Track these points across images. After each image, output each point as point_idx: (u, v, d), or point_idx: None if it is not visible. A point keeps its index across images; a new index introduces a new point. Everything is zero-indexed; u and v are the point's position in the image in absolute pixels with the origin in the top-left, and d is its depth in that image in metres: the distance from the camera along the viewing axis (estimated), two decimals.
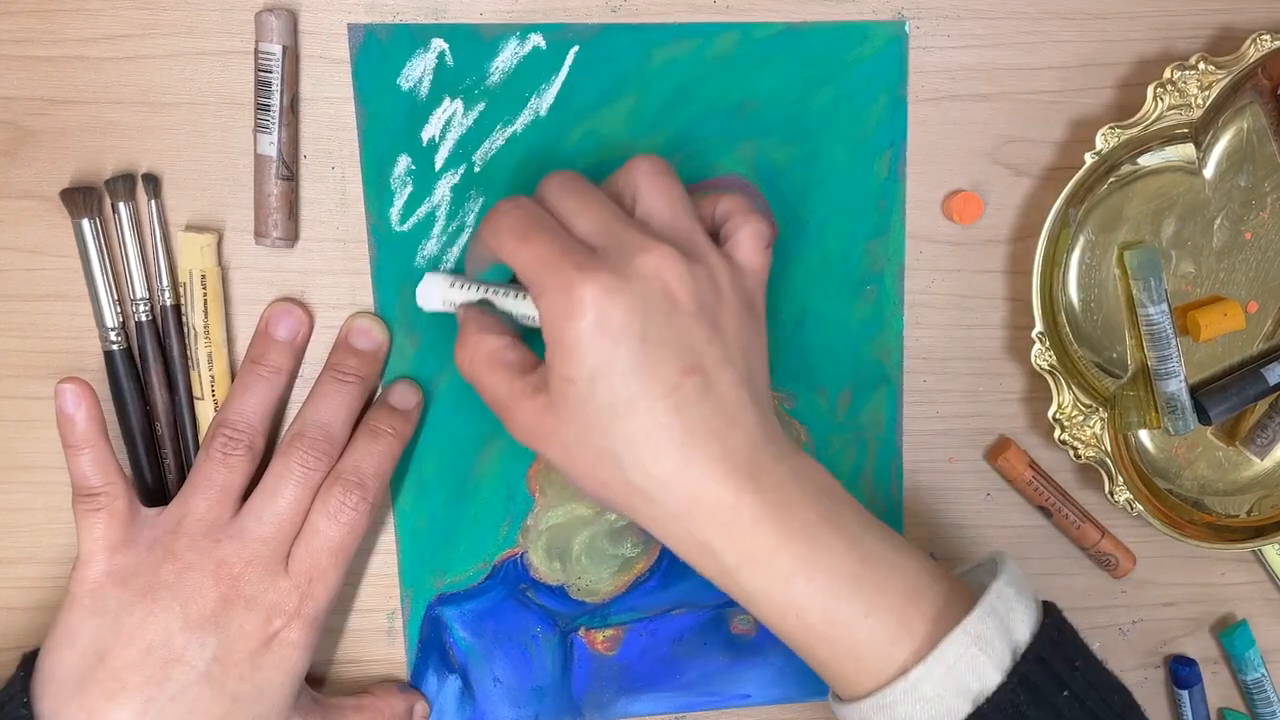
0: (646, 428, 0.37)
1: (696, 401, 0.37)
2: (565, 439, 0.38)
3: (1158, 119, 0.47)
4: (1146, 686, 0.56)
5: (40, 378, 0.45)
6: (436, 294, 0.44)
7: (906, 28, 0.48)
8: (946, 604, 0.38)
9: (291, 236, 0.45)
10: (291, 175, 0.45)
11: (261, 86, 0.44)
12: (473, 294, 0.43)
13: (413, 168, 0.46)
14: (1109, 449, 0.49)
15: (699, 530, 0.38)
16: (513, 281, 0.44)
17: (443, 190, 0.46)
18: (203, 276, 0.45)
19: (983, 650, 0.37)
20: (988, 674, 0.37)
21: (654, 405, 0.37)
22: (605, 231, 0.38)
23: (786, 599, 0.38)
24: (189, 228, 0.45)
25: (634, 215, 0.40)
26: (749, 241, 0.41)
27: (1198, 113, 0.47)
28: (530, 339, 0.42)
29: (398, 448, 0.45)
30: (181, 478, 0.46)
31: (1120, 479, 0.49)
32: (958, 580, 0.40)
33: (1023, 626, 0.38)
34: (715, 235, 0.42)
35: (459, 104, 0.46)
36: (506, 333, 0.41)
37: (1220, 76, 0.47)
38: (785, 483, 0.38)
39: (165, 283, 0.44)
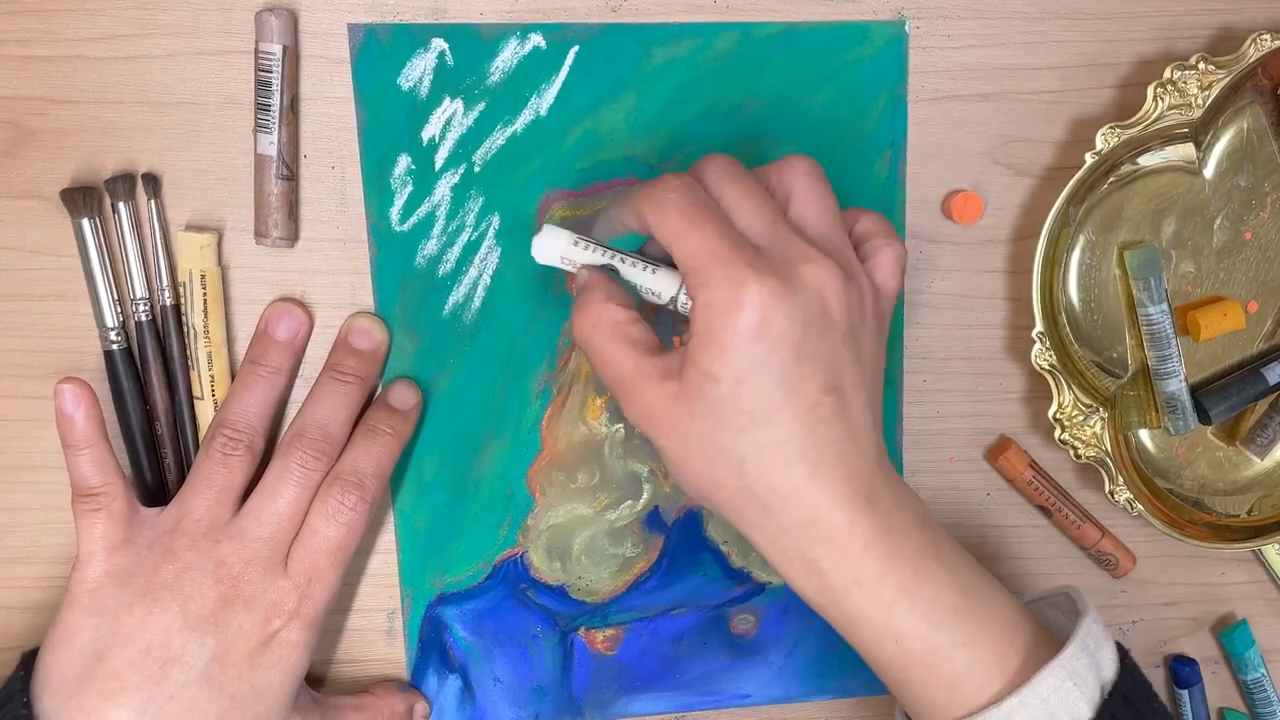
0: (780, 439, 0.37)
1: (831, 421, 0.37)
2: (688, 431, 0.37)
3: (1158, 119, 0.47)
4: None
5: (40, 378, 0.45)
6: (556, 248, 0.41)
7: (906, 28, 0.48)
8: (1036, 641, 0.39)
9: (291, 236, 0.45)
10: (291, 175, 0.45)
11: (261, 86, 0.44)
12: (597, 256, 0.41)
13: (413, 167, 0.46)
14: (1109, 449, 0.49)
15: (811, 548, 0.38)
16: (639, 252, 0.42)
17: (443, 190, 0.46)
18: (203, 276, 0.45)
19: (1076, 685, 0.37)
20: (1079, 708, 0.37)
21: (793, 418, 0.36)
22: (770, 232, 0.37)
23: (888, 625, 0.38)
24: (189, 227, 0.45)
25: (787, 214, 0.39)
26: (890, 264, 0.40)
27: (1198, 113, 0.47)
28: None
29: (396, 447, 0.45)
30: (181, 477, 0.46)
31: (1120, 479, 0.49)
32: (1037, 617, 0.41)
33: (1109, 664, 0.39)
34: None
35: (459, 104, 0.46)
36: (633, 306, 0.40)
37: (1220, 76, 0.47)
38: (896, 509, 0.39)
39: (165, 282, 0.44)
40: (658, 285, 0.40)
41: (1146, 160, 0.49)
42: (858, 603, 0.38)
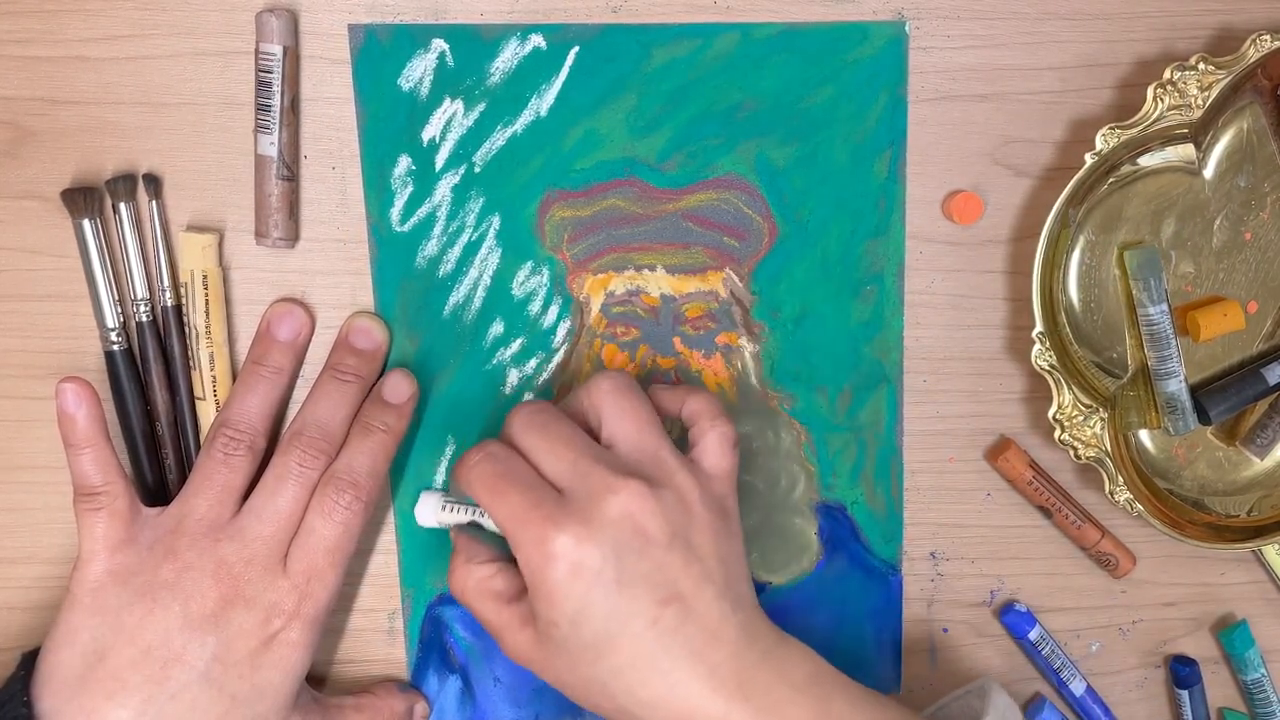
0: (630, 660, 0.39)
1: (677, 628, 0.39)
2: (556, 666, 0.40)
3: (1158, 119, 0.47)
4: (1146, 686, 0.56)
5: (40, 378, 0.45)
6: (430, 516, 0.46)
7: (906, 28, 0.48)
8: None
9: (292, 237, 0.45)
10: (292, 175, 0.45)
11: (262, 87, 0.44)
12: (462, 516, 0.45)
13: (413, 168, 0.46)
14: (1109, 449, 0.49)
15: None
16: None
17: (443, 191, 0.46)
18: (204, 276, 0.45)
19: None
20: None
21: (635, 639, 0.39)
22: (572, 472, 0.40)
23: None
24: (190, 228, 0.45)
25: (600, 436, 0.42)
26: (717, 446, 0.42)
27: (1198, 113, 0.47)
28: None
29: (392, 444, 0.45)
30: (182, 477, 0.46)
31: (1120, 479, 0.49)
32: None
33: None
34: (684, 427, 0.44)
35: (459, 104, 0.46)
36: (494, 558, 0.43)
37: (1220, 77, 0.47)
38: (773, 685, 0.40)
39: (166, 283, 0.45)
40: None
41: (1146, 161, 0.49)
42: None
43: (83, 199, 0.43)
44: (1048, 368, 0.48)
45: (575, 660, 0.39)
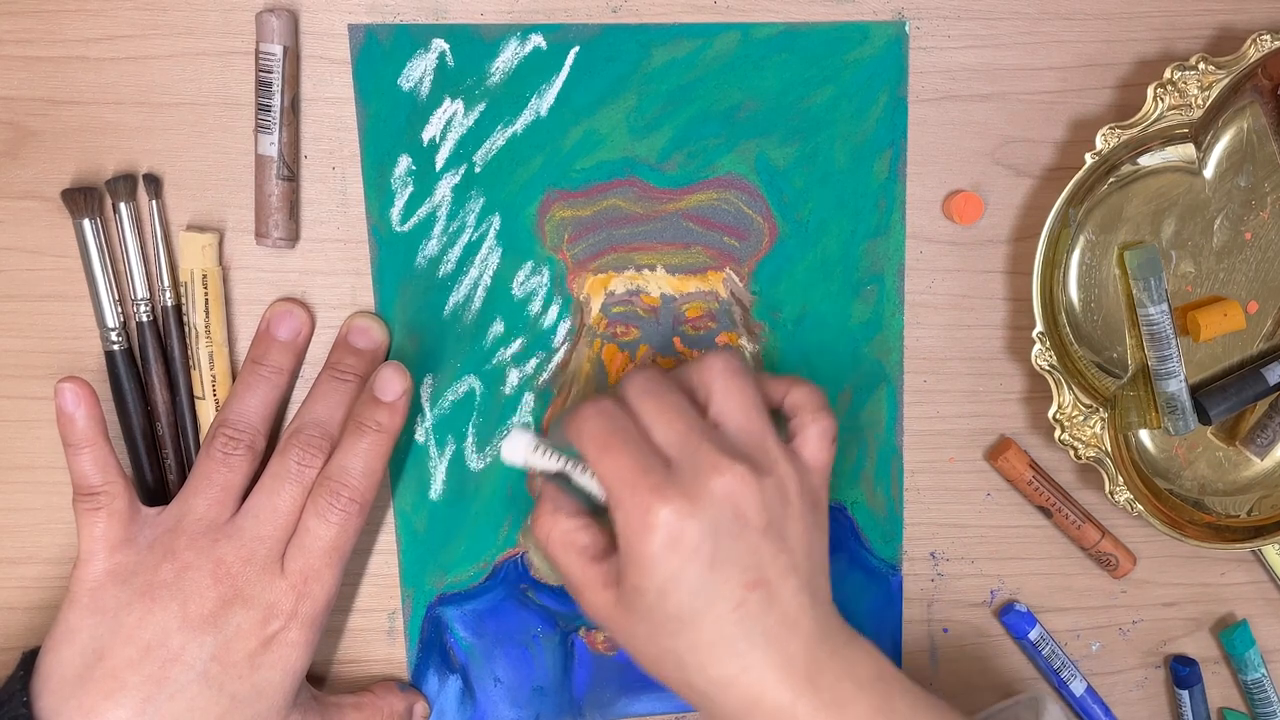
0: (710, 638, 0.39)
1: (760, 614, 0.39)
2: (632, 633, 0.41)
3: (1158, 119, 0.47)
4: (1146, 686, 0.56)
5: (40, 378, 0.45)
6: (520, 453, 0.44)
7: (906, 28, 0.48)
8: None
9: (292, 237, 0.45)
10: (292, 175, 0.45)
11: (262, 87, 0.44)
12: (552, 464, 0.44)
13: (413, 168, 0.46)
14: (1109, 449, 0.49)
15: None
16: None
17: (443, 191, 0.46)
18: (204, 276, 0.45)
19: None
20: None
21: (719, 619, 0.39)
22: (682, 444, 0.40)
23: None
24: (190, 228, 0.45)
25: (708, 414, 0.42)
26: (817, 440, 0.42)
27: (1198, 113, 0.47)
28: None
29: (386, 442, 0.44)
30: (182, 477, 0.46)
31: (1120, 479, 0.49)
32: None
33: None
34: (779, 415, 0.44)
35: (459, 104, 0.46)
36: (581, 513, 0.43)
37: (1220, 76, 0.47)
38: (840, 679, 0.40)
39: (166, 283, 0.45)
40: (601, 492, 0.43)
41: (1146, 161, 0.49)
42: None
43: (83, 199, 0.43)
44: (1048, 368, 0.48)
45: (655, 630, 0.40)
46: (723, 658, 0.39)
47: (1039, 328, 0.48)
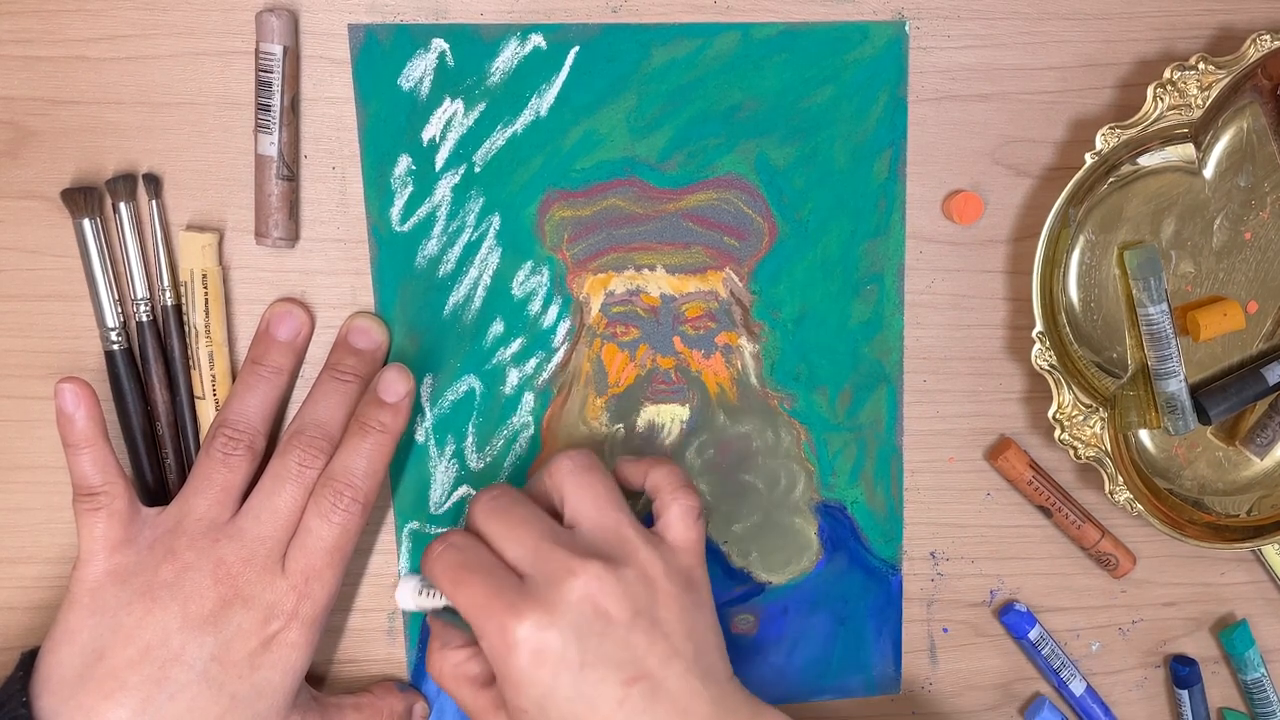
0: None
1: (645, 708, 0.39)
2: None
3: (1158, 119, 0.47)
4: (1146, 686, 0.56)
5: (40, 378, 0.45)
6: (410, 599, 0.46)
7: (906, 28, 0.48)
8: None
9: (292, 236, 0.45)
10: (292, 175, 0.45)
11: (262, 87, 0.44)
12: (437, 600, 0.45)
13: (413, 168, 0.46)
14: (1109, 449, 0.49)
15: None
16: None
17: (443, 190, 0.46)
18: (204, 276, 0.45)
19: None
20: None
21: None
22: (533, 556, 0.40)
23: None
24: (190, 227, 0.45)
25: (563, 517, 0.42)
26: (680, 519, 0.43)
27: (1198, 113, 0.47)
28: None
29: (388, 443, 0.45)
30: (182, 477, 0.46)
31: (1120, 479, 0.49)
32: None
33: None
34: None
35: (459, 104, 0.46)
36: (468, 643, 0.43)
37: (1220, 76, 0.47)
38: None
39: (166, 282, 0.45)
40: None
41: (1146, 160, 0.49)
42: None
43: (83, 199, 0.43)
44: (1048, 368, 0.48)
45: None
46: None
47: (1039, 328, 0.48)
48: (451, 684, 0.43)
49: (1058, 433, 0.49)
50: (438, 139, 0.46)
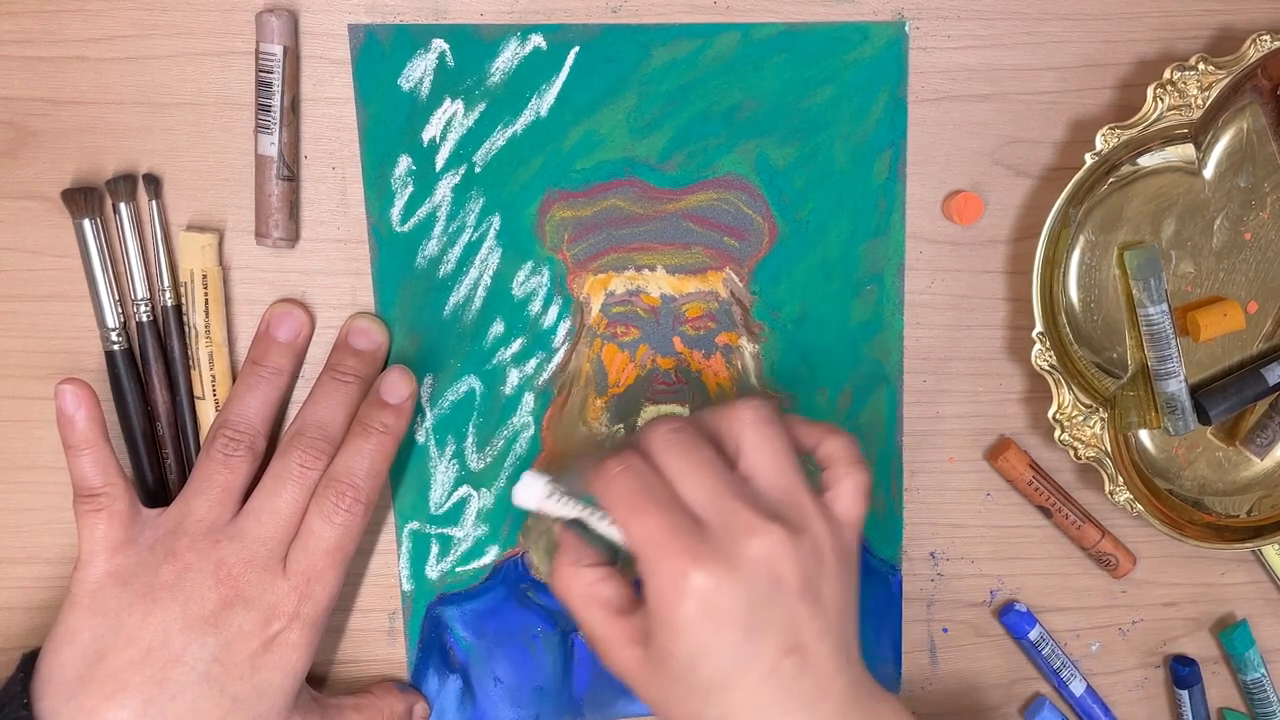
0: (742, 705, 0.38)
1: (794, 679, 0.38)
2: (662, 694, 0.39)
3: (1158, 119, 0.47)
4: (1146, 686, 0.56)
5: (40, 378, 0.45)
6: (533, 499, 0.43)
7: (906, 28, 0.48)
8: None
9: (292, 237, 0.45)
10: (292, 176, 0.45)
11: (262, 87, 0.44)
12: (567, 510, 0.43)
13: (413, 168, 0.46)
14: (1109, 449, 0.49)
15: None
16: None
17: (443, 191, 0.46)
18: (204, 276, 0.45)
19: None
20: None
21: (753, 686, 0.38)
22: (713, 503, 0.39)
23: None
24: (190, 228, 0.45)
25: (737, 467, 0.40)
26: (851, 494, 0.41)
27: (1198, 113, 0.47)
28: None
29: (391, 444, 0.45)
30: (183, 478, 0.46)
31: (1120, 479, 0.49)
32: None
33: None
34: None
35: (459, 104, 0.46)
36: (601, 562, 0.42)
37: (1220, 77, 0.47)
38: None
39: (166, 283, 0.45)
40: (622, 540, 0.41)
41: (1146, 161, 0.49)
42: None
43: (83, 199, 0.43)
44: (1048, 368, 0.48)
45: (684, 694, 0.39)
46: None
47: (1039, 328, 0.48)
48: (580, 604, 0.41)
49: (1058, 433, 0.49)
50: (438, 139, 0.46)
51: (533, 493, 0.43)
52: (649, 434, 0.41)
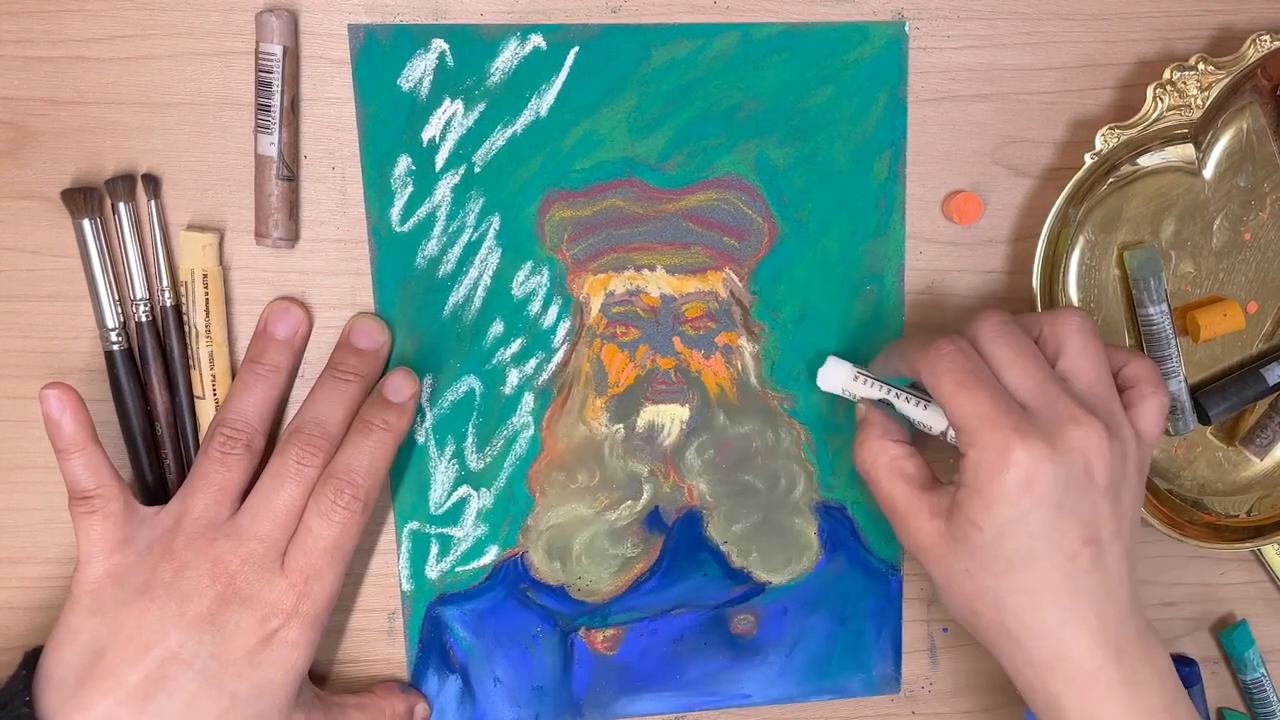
0: (1036, 584, 0.40)
1: (1087, 571, 0.40)
2: (953, 567, 0.42)
3: (1157, 119, 0.47)
4: None
5: (40, 378, 0.45)
6: (839, 380, 0.47)
7: (906, 28, 0.48)
8: None
9: (292, 237, 0.45)
10: (292, 175, 0.45)
11: (262, 87, 0.44)
12: (874, 391, 0.46)
13: (413, 168, 0.46)
14: None
15: (1054, 684, 0.41)
16: (912, 387, 0.46)
17: (443, 191, 0.46)
18: (204, 276, 0.45)
19: None
20: None
21: (1049, 568, 0.40)
22: (1038, 392, 0.41)
23: None
24: (190, 227, 0.45)
25: (1055, 366, 0.42)
26: (1154, 414, 0.43)
27: (1197, 113, 0.47)
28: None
29: (392, 443, 0.45)
30: (182, 477, 0.46)
31: None
32: None
33: None
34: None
35: (459, 104, 0.46)
36: (906, 440, 0.45)
37: (1220, 77, 0.47)
38: (1141, 662, 0.41)
39: (165, 283, 0.45)
40: (929, 420, 0.45)
41: (1146, 161, 0.49)
42: None
43: (83, 199, 0.43)
44: None
45: (981, 566, 0.40)
46: (1043, 606, 0.40)
47: None
48: (885, 475, 0.44)
49: None
50: (438, 139, 0.46)
51: (838, 375, 0.47)
52: (978, 323, 0.43)
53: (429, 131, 0.46)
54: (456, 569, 0.49)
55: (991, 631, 0.42)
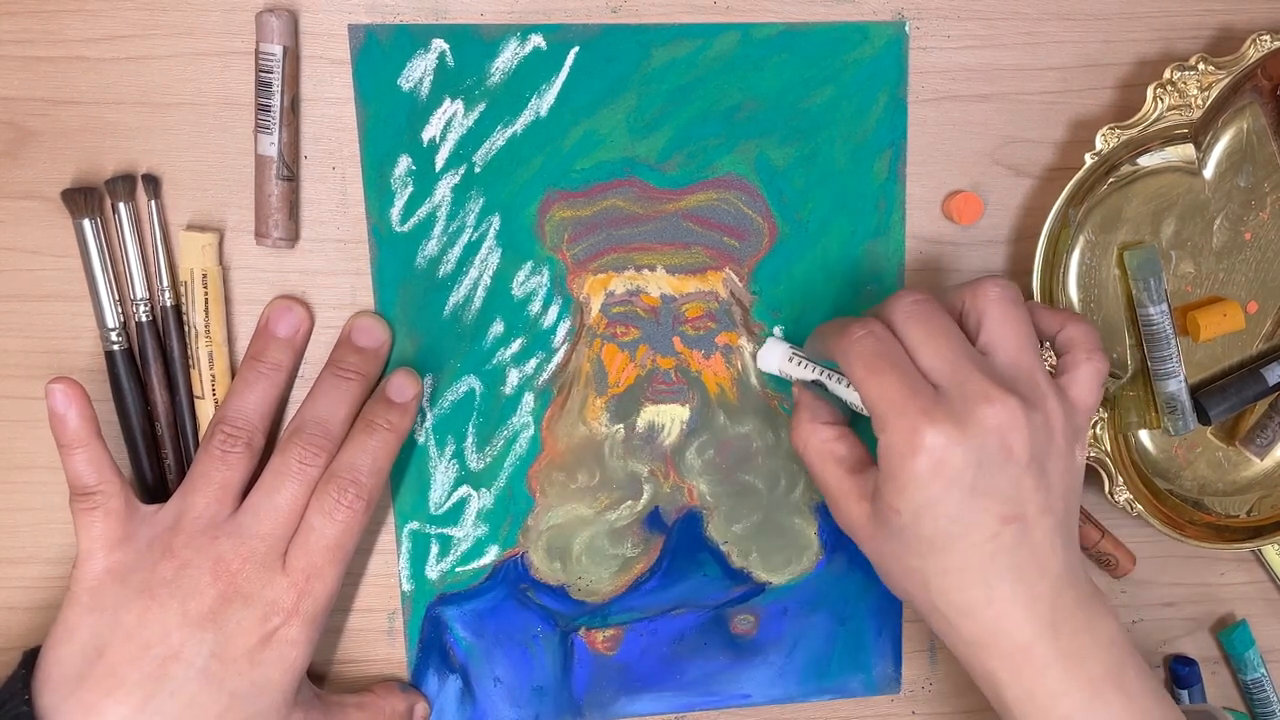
0: (959, 565, 0.40)
1: (1011, 548, 0.40)
2: (881, 549, 0.42)
3: (1157, 119, 0.47)
4: None
5: (40, 378, 0.45)
6: (774, 361, 0.48)
7: (906, 28, 0.48)
8: None
9: (292, 237, 0.45)
10: (292, 176, 0.45)
11: (262, 87, 0.44)
12: (807, 373, 0.47)
13: (413, 168, 0.46)
14: (1109, 449, 0.49)
15: (989, 661, 0.41)
16: None
17: (443, 191, 0.46)
18: (204, 275, 0.45)
19: None
20: None
21: (970, 548, 0.39)
22: (951, 371, 0.40)
23: None
24: (190, 227, 0.45)
25: (976, 340, 0.42)
26: (1088, 380, 0.42)
27: (1197, 113, 0.47)
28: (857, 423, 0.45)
29: (394, 442, 0.45)
30: (182, 477, 0.46)
31: (1120, 479, 0.49)
32: None
33: None
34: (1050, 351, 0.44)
35: (459, 104, 0.46)
36: (838, 422, 0.45)
37: (1220, 77, 0.47)
38: (1080, 632, 0.40)
39: (165, 283, 0.45)
40: (860, 401, 0.44)
41: (1146, 161, 0.49)
42: (1031, 718, 0.40)
43: (83, 199, 0.43)
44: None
45: (904, 549, 0.40)
46: (969, 585, 0.40)
47: None
48: (816, 459, 0.44)
49: None
50: (438, 139, 0.46)
51: (775, 355, 0.47)
52: (892, 304, 0.42)
53: (429, 131, 0.46)
54: (456, 569, 0.49)
55: (925, 611, 0.42)
